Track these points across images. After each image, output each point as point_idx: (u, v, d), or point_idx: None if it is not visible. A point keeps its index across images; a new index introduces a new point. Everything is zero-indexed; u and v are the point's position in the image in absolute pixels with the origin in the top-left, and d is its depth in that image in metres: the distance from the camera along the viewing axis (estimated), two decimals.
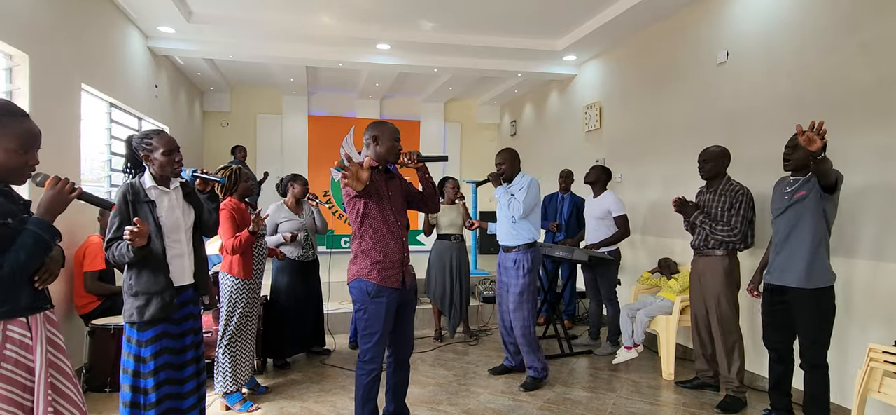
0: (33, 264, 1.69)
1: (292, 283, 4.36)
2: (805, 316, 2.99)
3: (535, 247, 4.01)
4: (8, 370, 1.65)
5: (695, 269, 3.82)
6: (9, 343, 1.66)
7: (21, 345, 1.70)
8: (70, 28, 4.16)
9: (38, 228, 1.68)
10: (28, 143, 1.72)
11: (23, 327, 1.71)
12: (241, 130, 9.43)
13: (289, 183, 4.39)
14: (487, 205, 9.10)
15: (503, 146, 10.19)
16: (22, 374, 1.69)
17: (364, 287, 2.74)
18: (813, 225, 2.94)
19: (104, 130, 5.12)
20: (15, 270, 1.62)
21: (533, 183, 3.96)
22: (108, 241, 2.30)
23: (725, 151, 3.70)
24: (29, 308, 1.73)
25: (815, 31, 3.70)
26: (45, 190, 1.74)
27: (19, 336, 1.70)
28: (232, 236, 3.41)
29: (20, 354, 1.69)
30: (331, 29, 5.90)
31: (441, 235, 5.16)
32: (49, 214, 1.72)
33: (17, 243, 1.64)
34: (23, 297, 1.71)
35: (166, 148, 2.41)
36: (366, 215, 2.75)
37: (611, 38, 5.93)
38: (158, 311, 2.33)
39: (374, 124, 2.87)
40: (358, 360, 2.82)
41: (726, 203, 3.58)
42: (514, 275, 3.95)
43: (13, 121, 1.70)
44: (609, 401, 3.75)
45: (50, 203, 1.72)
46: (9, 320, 1.67)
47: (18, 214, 1.71)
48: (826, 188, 2.86)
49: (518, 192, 3.91)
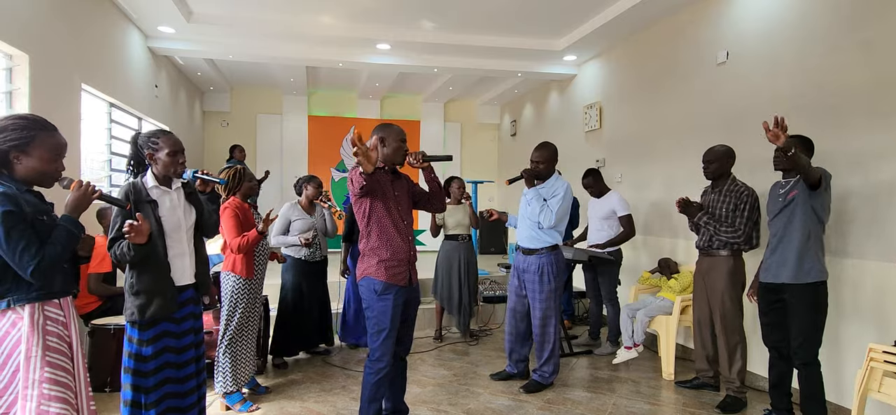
0: (66, 254, 1.96)
1: (300, 282, 4.41)
2: (799, 312, 3.02)
3: (558, 250, 3.88)
4: (54, 343, 1.93)
5: (699, 269, 3.82)
6: (49, 321, 1.93)
7: (59, 322, 1.97)
8: (70, 28, 4.16)
9: (68, 223, 1.96)
10: (58, 152, 2.01)
11: (57, 307, 1.98)
12: (241, 130, 9.43)
13: (303, 184, 4.48)
14: (488, 205, 9.10)
15: (503, 147, 10.26)
16: (65, 347, 1.97)
17: (372, 285, 2.78)
18: (803, 222, 3.00)
19: (104, 129, 5.13)
20: (54, 259, 1.89)
21: (568, 191, 3.80)
22: (112, 240, 2.33)
23: (730, 151, 3.68)
24: (61, 292, 2.01)
25: (815, 31, 3.70)
26: (70, 192, 2.00)
27: (56, 315, 1.97)
28: (237, 235, 3.42)
29: (61, 330, 1.97)
30: (331, 29, 5.90)
31: (448, 236, 5.16)
32: (75, 213, 1.99)
33: (53, 237, 1.91)
34: (56, 282, 1.97)
35: (172, 149, 2.43)
36: (372, 215, 2.80)
37: (611, 38, 5.93)
38: (159, 310, 2.34)
39: (381, 126, 2.91)
40: (367, 359, 2.84)
41: (731, 204, 3.57)
42: (537, 281, 3.79)
43: (48, 135, 1.98)
44: (609, 401, 3.75)
45: (76, 203, 1.99)
46: (45, 303, 1.93)
47: (50, 213, 2.01)
48: (811, 186, 2.94)
49: (552, 199, 3.73)
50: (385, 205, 2.81)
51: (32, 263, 1.82)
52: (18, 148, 1.90)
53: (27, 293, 1.88)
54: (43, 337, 1.89)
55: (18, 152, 1.90)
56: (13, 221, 1.82)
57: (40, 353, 1.87)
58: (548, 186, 3.84)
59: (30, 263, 1.82)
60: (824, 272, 3.02)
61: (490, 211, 4.31)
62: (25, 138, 1.91)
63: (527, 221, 3.87)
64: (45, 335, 1.90)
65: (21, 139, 1.90)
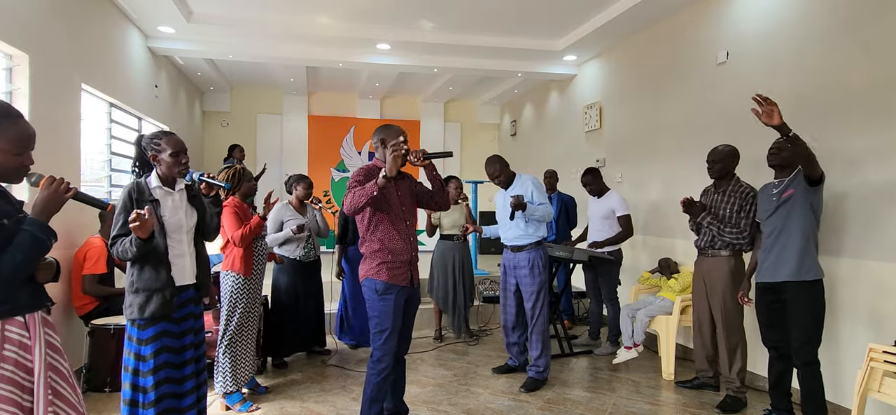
0: (31, 265, 1.69)
1: (294, 282, 4.40)
2: (798, 311, 3.02)
3: (543, 244, 4.04)
4: (8, 371, 1.66)
5: (699, 269, 3.81)
6: (7, 344, 1.66)
7: (20, 345, 1.70)
8: (70, 28, 4.16)
9: (34, 228, 1.68)
10: (23, 143, 1.72)
11: (21, 327, 1.71)
12: (241, 130, 9.43)
13: (294, 184, 4.46)
14: (488, 205, 9.09)
15: (504, 147, 10.25)
16: (21, 374, 1.69)
17: (373, 286, 2.81)
18: (802, 220, 3.00)
19: (104, 129, 5.12)
20: (13, 270, 1.63)
21: (534, 181, 3.99)
22: (114, 237, 2.33)
23: (735, 151, 3.67)
24: (29, 307, 1.73)
25: (814, 31, 3.70)
26: (39, 190, 1.73)
27: (18, 336, 1.70)
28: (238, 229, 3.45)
29: (19, 354, 1.70)
30: (331, 29, 5.90)
31: (444, 236, 5.16)
32: (44, 215, 1.72)
33: (14, 244, 1.64)
34: (22, 295, 1.71)
35: (174, 149, 2.45)
36: (373, 217, 2.82)
37: (611, 38, 5.93)
38: (159, 308, 2.35)
39: (382, 128, 2.93)
40: (369, 359, 2.85)
41: (736, 205, 3.56)
42: (529, 274, 3.94)
43: (8, 122, 1.70)
44: (609, 401, 3.75)
45: (45, 203, 1.72)
46: (7, 320, 1.67)
47: (14, 215, 1.70)
48: (812, 181, 2.93)
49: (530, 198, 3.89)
50: (387, 206, 2.82)
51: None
52: None
53: None
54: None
55: None
56: None
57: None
58: (516, 187, 4.01)
59: None
60: (821, 270, 3.02)
61: (465, 227, 4.55)
62: None
63: (508, 222, 3.99)
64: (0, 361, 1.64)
65: None
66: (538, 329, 3.98)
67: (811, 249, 3.01)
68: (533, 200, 3.90)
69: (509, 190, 4.03)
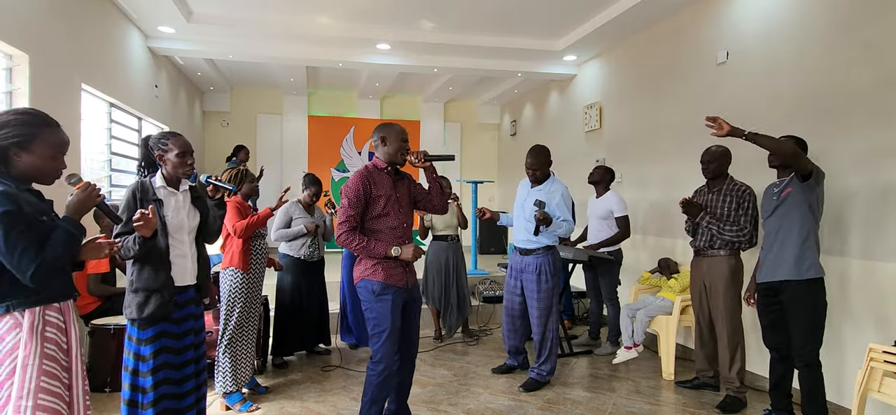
0: (66, 258, 1.88)
1: (298, 282, 4.42)
2: (798, 311, 3.02)
3: (555, 249, 3.90)
4: (51, 350, 1.85)
5: (697, 270, 3.80)
6: (48, 326, 1.86)
7: (58, 328, 1.89)
8: (70, 28, 4.17)
9: (69, 225, 1.88)
10: (60, 149, 1.93)
11: (57, 312, 1.90)
12: (241, 130, 9.43)
13: (307, 184, 4.51)
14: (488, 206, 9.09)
15: (503, 146, 10.26)
16: (61, 354, 1.89)
17: (369, 286, 2.78)
18: (800, 219, 3.01)
19: (104, 129, 5.13)
20: (54, 262, 1.81)
21: (564, 192, 3.86)
22: (116, 235, 2.35)
23: (728, 151, 3.69)
24: (61, 295, 1.92)
25: (814, 31, 3.70)
26: (75, 191, 1.92)
27: (56, 320, 1.89)
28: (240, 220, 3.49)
29: (58, 336, 1.89)
30: (331, 29, 5.90)
31: (437, 237, 5.16)
32: (77, 215, 1.92)
33: (53, 239, 1.82)
34: (56, 285, 1.89)
35: (181, 150, 2.47)
36: (367, 218, 2.81)
37: (611, 39, 5.93)
38: (157, 308, 2.35)
39: (382, 126, 2.91)
40: (369, 360, 2.83)
41: (733, 203, 3.57)
42: (535, 280, 3.82)
43: (49, 130, 1.90)
44: (609, 401, 3.75)
45: (79, 204, 1.92)
46: (46, 307, 1.86)
47: (49, 213, 1.91)
48: (802, 176, 2.95)
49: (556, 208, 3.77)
50: (383, 207, 2.80)
51: (32, 266, 1.73)
52: (20, 145, 1.81)
53: (27, 298, 1.79)
54: (41, 345, 1.81)
55: (19, 149, 1.81)
56: (12, 221, 1.72)
57: (37, 362, 1.79)
58: (544, 188, 3.88)
59: (29, 267, 1.73)
60: (821, 269, 3.02)
61: (482, 210, 4.15)
62: (28, 135, 1.82)
63: (523, 222, 3.88)
64: (43, 343, 1.82)
65: (24, 136, 1.81)
66: (547, 338, 3.86)
67: (810, 247, 3.00)
68: (556, 214, 3.76)
69: (538, 188, 3.90)
